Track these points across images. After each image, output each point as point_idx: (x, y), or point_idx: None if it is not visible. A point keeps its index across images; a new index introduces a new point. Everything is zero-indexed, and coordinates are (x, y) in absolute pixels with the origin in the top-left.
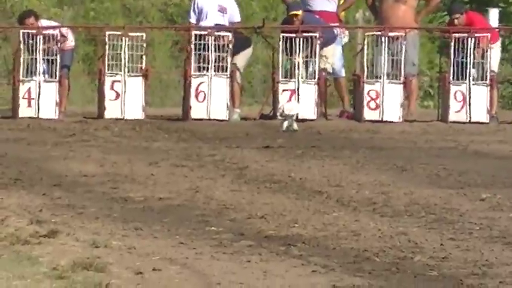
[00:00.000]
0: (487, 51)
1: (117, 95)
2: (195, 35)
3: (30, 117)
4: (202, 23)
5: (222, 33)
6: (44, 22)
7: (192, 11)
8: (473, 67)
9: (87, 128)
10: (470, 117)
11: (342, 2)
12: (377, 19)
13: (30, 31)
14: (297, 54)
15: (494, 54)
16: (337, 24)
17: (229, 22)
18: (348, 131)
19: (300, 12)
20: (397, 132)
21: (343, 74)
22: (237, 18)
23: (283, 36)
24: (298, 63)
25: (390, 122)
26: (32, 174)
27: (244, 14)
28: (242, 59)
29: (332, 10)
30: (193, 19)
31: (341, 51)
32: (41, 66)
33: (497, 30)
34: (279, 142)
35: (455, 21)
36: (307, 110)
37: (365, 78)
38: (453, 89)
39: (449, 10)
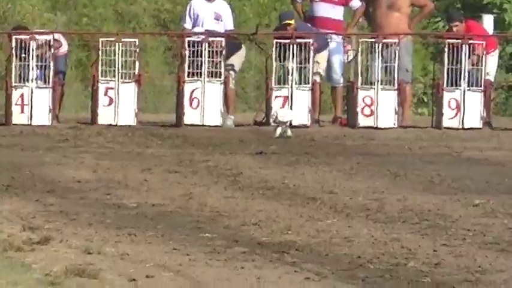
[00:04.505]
0: (481, 57)
1: (110, 101)
2: (189, 41)
3: (23, 124)
4: (197, 29)
5: (215, 39)
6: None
7: (187, 16)
8: (467, 73)
9: (80, 134)
10: (463, 124)
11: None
12: (371, 26)
13: (23, 37)
14: (290, 61)
15: (492, 62)
16: (334, 31)
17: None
18: (342, 137)
19: (292, 22)
20: (391, 138)
21: (341, 83)
22: (231, 26)
23: (276, 43)
24: (292, 69)
25: (384, 128)
26: (24, 180)
27: (238, 20)
28: (236, 61)
29: (336, 17)
30: (188, 24)
31: (341, 59)
32: (34, 72)
33: (494, 38)
34: (273, 148)
35: (454, 29)
36: (300, 116)
37: (359, 84)
38: (447, 95)
39: (449, 18)
